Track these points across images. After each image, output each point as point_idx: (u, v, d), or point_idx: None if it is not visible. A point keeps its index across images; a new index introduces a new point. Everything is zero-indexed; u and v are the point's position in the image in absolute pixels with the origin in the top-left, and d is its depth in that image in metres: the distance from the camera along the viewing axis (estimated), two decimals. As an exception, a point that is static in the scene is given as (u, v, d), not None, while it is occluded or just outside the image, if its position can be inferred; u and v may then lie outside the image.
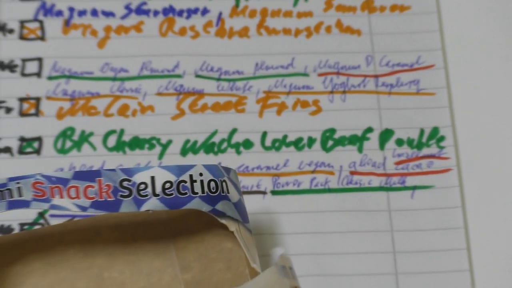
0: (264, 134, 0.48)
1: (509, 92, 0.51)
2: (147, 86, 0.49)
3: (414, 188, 0.47)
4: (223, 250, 0.46)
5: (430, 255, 0.45)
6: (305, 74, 0.50)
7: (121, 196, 0.41)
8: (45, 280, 0.45)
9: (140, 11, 0.52)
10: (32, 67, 0.50)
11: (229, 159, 0.48)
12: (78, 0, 0.52)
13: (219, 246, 0.46)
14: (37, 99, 0.49)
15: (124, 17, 0.51)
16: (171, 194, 0.41)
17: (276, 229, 0.47)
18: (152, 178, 0.41)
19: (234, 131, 0.48)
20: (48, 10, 0.51)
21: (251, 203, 0.46)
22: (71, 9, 0.51)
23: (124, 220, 0.47)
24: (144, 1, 0.52)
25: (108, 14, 0.51)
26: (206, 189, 0.41)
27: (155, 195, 0.41)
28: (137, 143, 0.48)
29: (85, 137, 0.48)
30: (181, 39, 0.51)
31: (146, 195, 0.41)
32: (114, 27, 0.51)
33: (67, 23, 0.51)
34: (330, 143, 0.48)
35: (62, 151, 0.47)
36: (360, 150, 0.48)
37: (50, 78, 0.49)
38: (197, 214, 0.44)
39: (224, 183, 0.42)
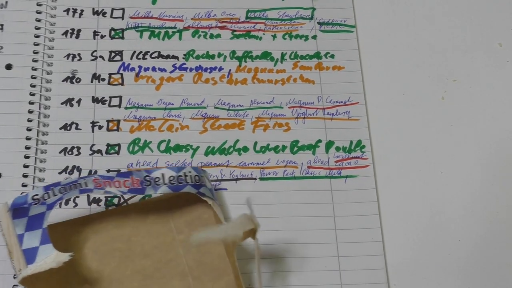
0: (256, 143, 0.55)
1: (402, 120, 0.57)
2: (185, 113, 0.55)
3: (346, 176, 0.54)
4: (202, 219, 0.51)
5: (356, 217, 0.53)
6: (281, 107, 0.56)
7: (145, 185, 0.47)
8: (95, 243, 0.49)
9: (181, 68, 0.57)
10: (115, 101, 0.56)
11: (233, 159, 0.53)
12: (144, 61, 0.57)
13: (200, 217, 0.51)
14: (118, 121, 0.55)
15: (172, 71, 0.57)
16: (174, 183, 0.48)
17: (262, 201, 0.53)
18: (163, 174, 0.48)
19: (237, 141, 0.55)
20: (126, 67, 0.57)
21: (247, 186, 0.53)
22: (140, 66, 0.57)
23: (141, 205, 0.51)
24: (184, 62, 0.57)
25: (162, 69, 0.57)
26: (193, 180, 0.48)
27: (164, 183, 0.48)
28: (178, 148, 0.54)
29: (146, 144, 0.54)
30: (206, 85, 0.57)
31: (159, 184, 0.48)
32: (166, 77, 0.57)
33: (137, 75, 0.56)
34: (295, 149, 0.55)
35: (132, 152, 0.54)
36: (313, 153, 0.55)
37: (126, 108, 0.55)
38: (186, 197, 0.49)
39: (203, 177, 0.49)
